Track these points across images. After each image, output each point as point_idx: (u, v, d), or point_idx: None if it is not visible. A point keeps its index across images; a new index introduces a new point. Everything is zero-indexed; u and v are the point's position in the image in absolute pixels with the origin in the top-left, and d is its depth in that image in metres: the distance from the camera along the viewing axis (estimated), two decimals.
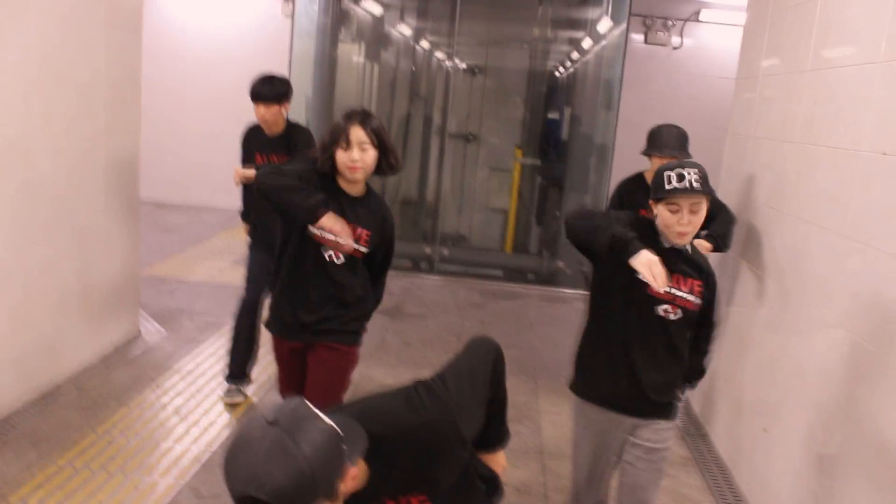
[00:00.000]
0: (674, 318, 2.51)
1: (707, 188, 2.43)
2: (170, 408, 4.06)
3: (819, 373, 3.03)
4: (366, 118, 2.75)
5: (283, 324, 2.93)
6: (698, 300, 2.54)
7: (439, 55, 10.06)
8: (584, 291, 3.03)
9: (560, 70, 10.10)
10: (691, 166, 2.44)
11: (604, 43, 8.41)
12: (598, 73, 8.60)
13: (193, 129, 9.37)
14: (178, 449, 3.64)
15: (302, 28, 8.45)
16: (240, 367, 4.17)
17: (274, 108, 3.93)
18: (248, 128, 4.23)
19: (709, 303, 2.59)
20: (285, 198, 2.69)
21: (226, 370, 4.21)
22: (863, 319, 2.76)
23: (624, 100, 7.70)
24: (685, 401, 2.70)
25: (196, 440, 3.74)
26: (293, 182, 2.68)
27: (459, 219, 9.33)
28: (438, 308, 6.43)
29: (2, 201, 3.63)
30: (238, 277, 6.47)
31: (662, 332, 2.53)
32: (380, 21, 9.80)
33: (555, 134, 9.02)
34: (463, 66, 9.48)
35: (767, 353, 3.57)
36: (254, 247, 4.19)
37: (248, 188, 4.14)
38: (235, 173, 3.92)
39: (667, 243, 2.52)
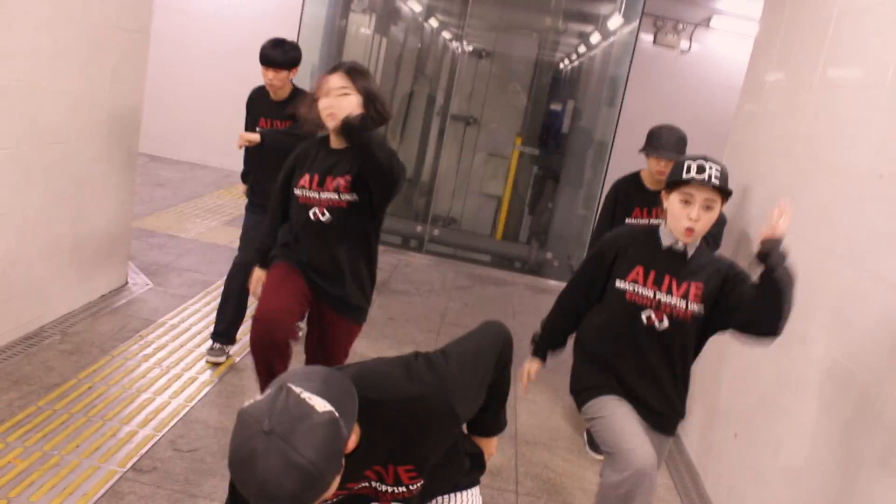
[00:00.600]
0: (659, 327, 2.46)
1: (726, 188, 2.36)
2: (152, 360, 4.08)
3: (795, 385, 3.10)
4: (347, 66, 2.77)
5: (299, 261, 3.00)
6: (695, 306, 2.46)
7: (448, 35, 10.03)
8: None
9: (567, 62, 10.11)
10: (715, 162, 2.38)
11: (613, 39, 8.42)
12: (605, 69, 8.62)
13: (194, 86, 9.32)
14: (159, 401, 3.67)
15: None
16: (226, 326, 4.20)
17: (283, 73, 3.94)
18: (254, 91, 4.23)
19: (732, 286, 2.43)
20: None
21: (213, 328, 4.24)
22: (842, 337, 2.83)
23: (626, 98, 7.73)
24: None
25: (176, 394, 3.77)
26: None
27: (453, 201, 9.35)
28: (425, 287, 6.47)
29: (7, 139, 3.62)
30: (228, 238, 6.52)
31: (651, 343, 2.49)
32: None
33: (555, 125, 9.04)
34: (470, 48, 9.46)
35: (745, 363, 3.64)
36: (250, 208, 4.20)
37: (250, 150, 4.15)
38: (240, 137, 3.93)
39: (666, 241, 2.47)
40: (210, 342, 4.24)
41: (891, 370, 2.49)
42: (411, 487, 1.75)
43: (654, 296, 2.47)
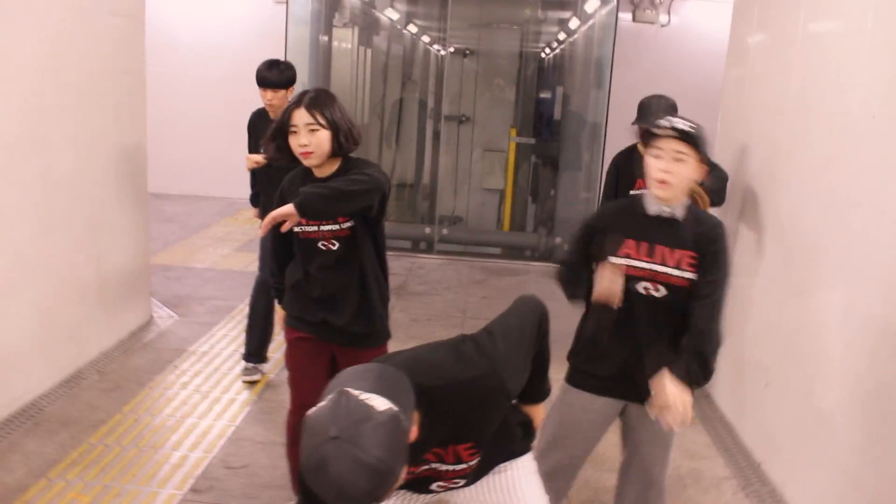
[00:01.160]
0: (658, 295, 2.40)
1: (694, 142, 2.31)
2: (190, 387, 4.19)
3: (816, 329, 3.19)
4: (310, 99, 2.63)
5: (307, 322, 2.82)
6: (689, 274, 2.39)
7: (431, 39, 10.14)
8: None
9: (550, 50, 10.21)
10: (684, 119, 2.36)
11: (592, 22, 8.52)
12: (589, 52, 8.70)
13: (188, 120, 9.42)
14: (203, 424, 3.78)
15: (296, 15, 8.50)
16: (257, 346, 4.30)
17: (281, 93, 4.04)
18: (254, 113, 4.33)
19: (705, 270, 2.38)
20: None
21: (243, 349, 4.35)
22: (857, 277, 2.92)
23: (613, 78, 7.81)
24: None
25: (219, 416, 3.87)
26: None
27: (456, 199, 9.44)
28: (442, 286, 6.57)
29: (23, 191, 3.73)
30: (242, 263, 6.63)
31: (648, 310, 2.42)
32: (371, 5, 9.87)
33: (547, 113, 9.12)
34: (451, 49, 9.57)
35: (766, 314, 3.73)
36: None
37: (258, 171, 4.25)
38: (247, 160, 4.02)
39: (652, 208, 2.41)
40: (243, 363, 4.35)
41: None
42: (471, 463, 1.85)
43: (648, 267, 2.42)
